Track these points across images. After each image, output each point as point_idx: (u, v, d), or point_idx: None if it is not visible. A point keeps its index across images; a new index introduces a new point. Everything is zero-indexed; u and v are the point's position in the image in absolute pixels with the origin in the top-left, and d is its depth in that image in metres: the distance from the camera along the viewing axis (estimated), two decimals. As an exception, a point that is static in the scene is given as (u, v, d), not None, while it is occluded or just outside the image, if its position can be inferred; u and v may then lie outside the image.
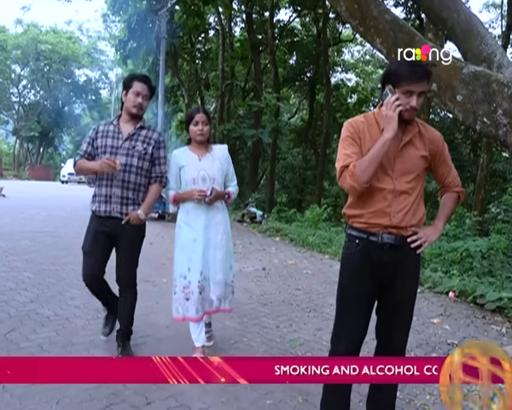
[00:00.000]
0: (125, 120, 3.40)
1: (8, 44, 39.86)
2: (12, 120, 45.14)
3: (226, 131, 18.90)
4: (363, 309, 2.34)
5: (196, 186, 3.43)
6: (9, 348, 3.54)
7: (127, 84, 3.35)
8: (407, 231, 2.27)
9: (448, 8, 5.78)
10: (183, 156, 3.53)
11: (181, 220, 3.52)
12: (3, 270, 5.82)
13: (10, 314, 4.26)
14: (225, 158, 3.60)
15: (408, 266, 2.32)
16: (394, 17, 5.79)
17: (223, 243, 3.52)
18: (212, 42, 23.76)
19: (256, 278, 6.42)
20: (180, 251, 3.47)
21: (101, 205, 3.33)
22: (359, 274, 2.32)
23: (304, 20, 24.07)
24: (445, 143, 2.41)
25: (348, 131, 2.33)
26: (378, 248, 2.26)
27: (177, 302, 3.42)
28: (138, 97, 3.31)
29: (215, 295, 3.45)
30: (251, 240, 10.02)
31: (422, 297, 5.76)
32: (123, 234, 3.35)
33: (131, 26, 17.60)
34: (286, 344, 3.95)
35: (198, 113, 3.50)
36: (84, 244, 3.44)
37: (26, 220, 10.60)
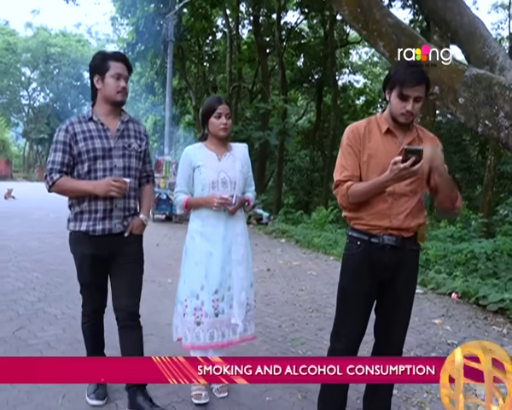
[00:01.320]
0: (105, 112, 2.68)
1: (19, 47, 40.35)
2: (22, 122, 45.64)
3: (233, 133, 18.98)
4: (363, 309, 2.40)
5: (216, 191, 2.92)
6: (18, 345, 3.65)
7: (100, 66, 2.61)
8: (408, 232, 2.32)
9: (451, 10, 5.82)
10: (198, 154, 2.97)
11: (194, 231, 2.99)
12: (13, 270, 5.95)
13: (19, 313, 4.38)
14: (246, 159, 3.10)
15: (408, 266, 2.37)
16: (397, 20, 5.85)
17: (244, 257, 3.04)
18: (220, 44, 23.88)
19: (260, 278, 6.49)
20: (193, 266, 2.94)
21: (99, 223, 2.62)
22: (360, 275, 2.37)
23: (311, 22, 24.13)
24: (440, 145, 2.40)
25: (348, 138, 2.37)
26: (379, 249, 2.31)
27: (185, 327, 2.92)
28: (120, 80, 2.62)
29: (240, 319, 2.97)
30: (256, 241, 10.09)
31: (425, 298, 5.81)
32: (125, 251, 2.71)
33: (139, 30, 17.79)
34: (287, 343, 4.01)
35: (221, 104, 2.96)
36: (82, 275, 2.73)
37: (36, 222, 10.76)
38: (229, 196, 2.89)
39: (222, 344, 2.92)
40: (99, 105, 2.69)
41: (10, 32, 42.16)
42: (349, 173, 2.33)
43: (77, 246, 2.69)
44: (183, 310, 2.94)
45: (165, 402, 2.84)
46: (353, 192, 2.29)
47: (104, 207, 2.62)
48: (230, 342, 2.98)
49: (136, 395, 2.67)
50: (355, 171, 2.33)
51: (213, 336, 2.89)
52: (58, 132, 2.64)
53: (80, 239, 2.65)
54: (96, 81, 2.63)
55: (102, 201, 2.60)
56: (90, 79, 2.69)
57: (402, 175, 2.12)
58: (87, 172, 2.60)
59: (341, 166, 2.36)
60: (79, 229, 2.63)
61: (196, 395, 2.88)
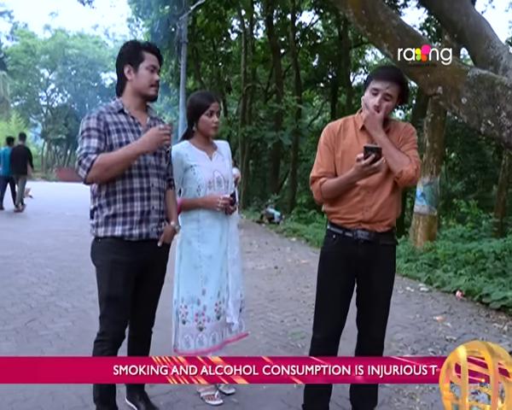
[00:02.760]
0: (135, 105, 2.49)
1: (37, 49, 41.01)
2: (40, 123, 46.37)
3: (247, 133, 19.14)
4: (339, 301, 2.51)
5: (212, 191, 2.87)
6: (29, 335, 3.82)
7: (134, 55, 2.43)
8: (381, 227, 2.42)
9: (458, 11, 5.88)
10: (190, 154, 2.88)
11: (190, 234, 2.88)
12: (27, 266, 6.15)
13: (31, 306, 4.56)
14: (230, 157, 3.09)
15: (383, 261, 2.45)
16: (401, 22, 5.92)
17: (238, 256, 3.06)
18: (234, 45, 24.03)
19: (267, 276, 6.61)
20: (192, 271, 2.86)
21: (136, 227, 2.40)
22: (335, 268, 2.49)
23: (325, 22, 24.16)
24: (413, 133, 2.48)
25: (324, 136, 2.52)
26: (353, 243, 2.42)
27: (187, 333, 2.86)
28: (154, 74, 2.46)
29: (236, 317, 2.99)
30: (267, 240, 10.21)
31: (429, 296, 5.88)
32: (155, 260, 2.54)
33: (154, 31, 18.00)
34: (288, 337, 4.13)
35: (213, 101, 2.87)
36: (113, 288, 2.38)
37: (51, 220, 11.01)
38: (230, 196, 2.88)
39: (220, 346, 2.95)
40: (127, 97, 2.49)
41: (29, 34, 42.86)
42: (323, 170, 2.46)
43: (107, 254, 2.38)
44: (183, 317, 2.87)
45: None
46: (325, 188, 2.43)
47: (142, 208, 2.42)
48: (227, 341, 3.02)
49: (133, 392, 2.72)
50: (329, 168, 2.46)
51: (215, 339, 2.90)
52: (88, 120, 2.36)
53: (113, 246, 2.38)
54: (128, 71, 2.44)
55: (140, 202, 2.41)
56: (120, 68, 2.47)
57: (365, 171, 2.24)
58: None
59: (317, 163, 2.50)
60: (113, 234, 2.37)
61: (209, 397, 2.91)
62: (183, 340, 2.88)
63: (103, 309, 2.42)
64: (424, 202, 9.53)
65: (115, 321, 2.41)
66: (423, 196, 9.55)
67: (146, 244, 2.45)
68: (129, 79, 2.45)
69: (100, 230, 2.39)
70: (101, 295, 2.44)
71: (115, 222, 2.38)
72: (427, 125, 9.77)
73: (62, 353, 3.52)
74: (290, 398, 2.95)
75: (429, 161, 9.50)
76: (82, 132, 2.35)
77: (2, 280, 5.39)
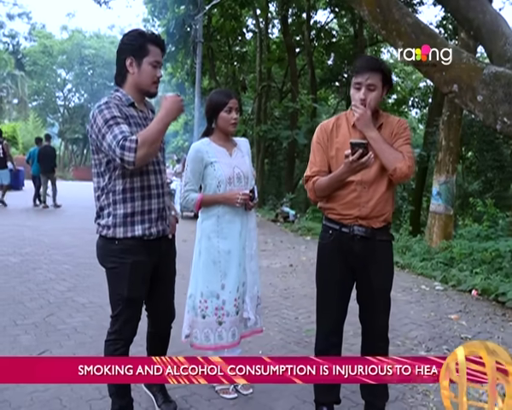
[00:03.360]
0: (136, 98, 2.39)
1: (54, 50, 41.46)
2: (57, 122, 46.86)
3: (262, 132, 19.17)
4: (337, 295, 2.55)
5: (232, 187, 2.90)
6: (48, 329, 3.91)
7: (138, 47, 2.30)
8: (377, 223, 2.44)
9: (474, 9, 5.85)
10: (210, 151, 2.91)
11: (210, 230, 2.92)
12: (45, 262, 6.26)
13: (50, 301, 4.66)
14: (249, 154, 3.11)
15: (379, 257, 2.47)
16: (416, 20, 5.90)
17: (256, 252, 3.08)
18: (250, 44, 24.06)
19: (282, 273, 6.64)
20: (211, 266, 2.90)
21: (153, 225, 2.38)
22: (332, 262, 2.52)
23: (341, 21, 24.09)
24: (406, 128, 2.48)
25: (317, 136, 2.56)
26: (349, 239, 2.45)
27: (207, 327, 2.89)
28: (157, 69, 2.36)
29: (252, 312, 3.01)
30: (282, 238, 10.24)
31: (444, 295, 5.86)
32: (169, 254, 2.57)
33: (170, 31, 18.12)
34: (302, 334, 4.16)
35: (231, 98, 2.91)
36: (133, 289, 2.34)
37: (69, 218, 11.16)
38: (250, 192, 2.90)
39: (238, 341, 2.98)
40: (129, 90, 2.37)
41: (47, 35, 43.36)
42: (317, 169, 2.50)
43: (127, 256, 2.31)
44: (203, 312, 2.89)
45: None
46: (318, 186, 2.47)
47: (158, 206, 2.40)
48: (243, 336, 3.06)
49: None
50: (323, 166, 2.50)
51: (235, 335, 2.92)
52: (109, 109, 2.23)
53: (133, 247, 2.32)
54: (130, 64, 2.32)
55: (156, 199, 2.39)
56: (121, 58, 2.34)
57: (354, 168, 2.26)
58: None
59: (310, 162, 2.54)
60: (133, 234, 2.31)
61: (224, 391, 2.96)
62: (202, 334, 2.91)
63: (119, 310, 2.36)
64: (440, 201, 9.46)
65: (131, 320, 2.40)
66: (439, 194, 9.48)
67: (161, 241, 2.44)
68: (130, 72, 2.33)
69: (118, 230, 2.30)
70: (116, 297, 2.37)
71: (134, 221, 2.31)
72: (443, 123, 9.69)
73: (81, 346, 3.60)
74: (304, 393, 2.97)
75: (445, 160, 9.42)
76: (107, 121, 2.19)
77: (21, 276, 5.51)
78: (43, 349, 3.50)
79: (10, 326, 3.93)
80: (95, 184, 2.39)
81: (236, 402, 2.89)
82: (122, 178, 2.30)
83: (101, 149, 2.24)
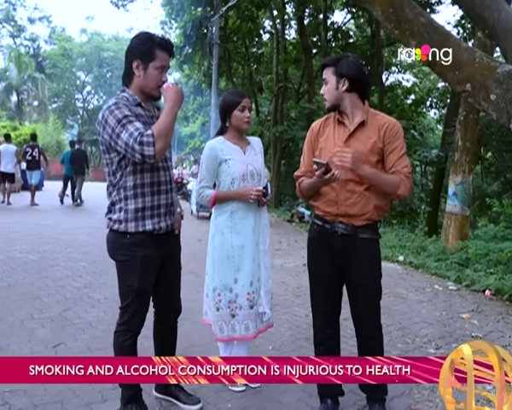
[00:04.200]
0: (143, 99, 2.45)
1: (74, 53, 42.07)
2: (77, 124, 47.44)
3: (278, 133, 19.21)
4: (325, 289, 2.64)
5: (246, 183, 2.98)
6: (63, 323, 4.03)
7: (145, 52, 2.34)
8: (359, 221, 2.48)
9: (489, 7, 5.84)
10: (224, 149, 2.99)
11: (223, 226, 3.00)
12: (62, 260, 6.40)
13: (66, 297, 4.77)
14: (262, 153, 3.19)
15: (362, 255, 2.51)
16: (429, 19, 5.91)
17: (269, 247, 3.15)
18: (266, 45, 24.13)
19: (295, 272, 6.68)
20: (225, 260, 2.98)
21: (162, 219, 2.47)
22: (318, 257, 2.62)
23: (358, 22, 24.03)
24: (399, 135, 2.48)
25: (307, 136, 2.67)
26: (331, 235, 2.53)
27: (221, 320, 2.98)
28: (163, 74, 2.40)
29: (268, 306, 3.09)
30: (296, 238, 10.27)
31: (457, 294, 5.84)
32: (175, 249, 2.66)
33: (187, 33, 18.28)
34: (311, 331, 4.17)
35: (244, 97, 3.01)
36: (144, 281, 2.44)
37: (86, 218, 11.34)
38: (263, 189, 2.99)
39: (254, 335, 3.03)
40: (135, 91, 2.43)
41: (66, 38, 43.99)
42: (304, 169, 2.64)
43: (138, 249, 2.39)
44: (217, 305, 2.98)
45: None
46: (303, 187, 2.62)
47: (166, 201, 2.49)
48: (259, 331, 3.10)
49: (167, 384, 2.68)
50: (309, 166, 2.59)
51: (249, 328, 2.97)
52: (119, 110, 2.29)
53: (143, 241, 2.40)
54: (136, 67, 2.37)
55: (165, 194, 2.48)
56: (128, 61, 2.40)
57: (320, 181, 2.40)
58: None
59: (301, 161, 2.67)
60: (144, 229, 2.39)
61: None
62: (217, 326, 3.01)
63: (129, 301, 2.46)
64: (456, 202, 9.40)
65: (140, 311, 2.49)
66: (455, 195, 9.42)
67: (169, 236, 2.54)
68: (136, 74, 2.38)
69: (130, 225, 2.39)
70: (126, 289, 2.46)
71: (144, 216, 2.40)
72: (459, 123, 9.63)
73: (94, 340, 3.69)
74: (311, 387, 2.98)
75: (461, 160, 9.35)
76: (119, 121, 2.25)
77: (39, 273, 5.64)
78: (59, 342, 3.60)
79: (27, 320, 4.04)
80: (108, 182, 2.49)
81: (244, 395, 2.94)
82: (133, 174, 2.38)
83: (116, 148, 2.30)
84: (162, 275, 2.57)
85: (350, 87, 2.47)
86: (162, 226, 2.46)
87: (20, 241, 7.57)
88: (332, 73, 2.50)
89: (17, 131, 26.43)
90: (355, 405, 2.87)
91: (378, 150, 2.47)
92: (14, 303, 4.45)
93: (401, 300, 5.38)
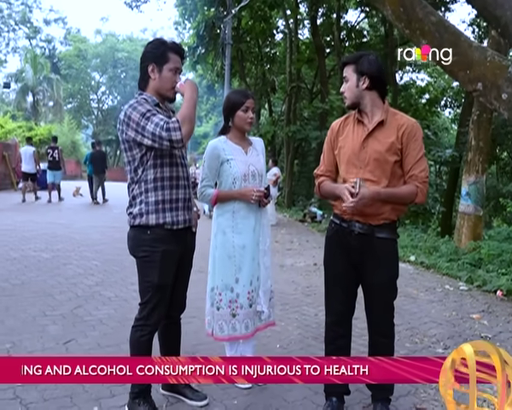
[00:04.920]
0: (161, 102, 2.57)
1: (89, 54, 42.50)
2: (91, 124, 47.88)
3: (291, 132, 19.20)
4: (340, 287, 2.63)
5: (247, 184, 2.99)
6: (75, 320, 4.09)
7: (159, 55, 2.47)
8: (376, 220, 2.48)
9: (502, 6, 5.81)
10: (226, 148, 3.00)
11: (225, 225, 3.00)
12: (75, 258, 6.48)
13: (78, 294, 4.84)
14: (263, 153, 3.19)
15: (379, 254, 2.50)
16: (440, 19, 5.88)
17: (269, 247, 3.16)
18: (280, 45, 24.13)
19: (306, 272, 6.69)
20: (226, 260, 2.99)
21: (180, 213, 2.54)
22: (334, 255, 2.63)
23: (372, 21, 23.93)
24: (417, 136, 2.47)
25: (328, 135, 2.68)
26: (347, 234, 2.54)
27: (221, 319, 2.99)
28: (176, 76, 2.53)
29: (266, 305, 3.10)
30: (308, 238, 10.28)
31: (468, 295, 5.81)
32: (190, 246, 2.71)
33: (200, 33, 18.36)
34: (321, 329, 4.16)
35: (248, 98, 3.00)
36: (164, 276, 2.50)
37: (99, 217, 11.46)
38: (265, 189, 2.99)
39: (252, 333, 3.05)
40: (151, 93, 2.53)
41: (81, 39, 44.46)
42: (323, 168, 2.66)
43: (158, 245, 2.46)
44: (217, 304, 3.00)
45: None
46: (323, 189, 2.64)
47: (184, 196, 2.56)
48: (257, 329, 3.12)
49: None
50: (329, 166, 2.63)
51: (248, 326, 3.00)
52: (143, 105, 2.40)
53: (164, 236, 2.47)
54: (151, 70, 2.49)
55: (183, 189, 2.56)
56: (144, 65, 2.52)
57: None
58: (169, 156, 2.49)
59: (321, 160, 2.69)
60: (164, 221, 2.47)
61: None
62: (217, 326, 3.02)
63: (149, 297, 2.50)
64: (469, 202, 9.33)
65: (160, 306, 2.54)
66: (468, 195, 9.35)
67: (187, 232, 2.61)
68: (152, 77, 2.51)
69: (151, 217, 2.46)
70: (146, 285, 2.51)
71: (165, 209, 2.48)
72: (472, 122, 9.56)
73: (104, 337, 3.75)
74: (317, 384, 3.01)
75: (475, 160, 9.28)
76: (144, 115, 2.35)
77: (52, 271, 5.73)
78: (70, 339, 3.66)
79: (40, 317, 4.11)
80: (129, 180, 2.57)
81: (251, 392, 2.97)
82: (153, 168, 2.48)
83: (143, 141, 2.38)
84: (178, 272, 2.64)
85: (370, 85, 2.47)
86: (180, 220, 2.53)
87: (34, 239, 7.69)
88: (353, 71, 2.49)
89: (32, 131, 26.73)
90: (360, 403, 2.88)
91: (396, 151, 2.46)
92: (26, 300, 4.53)
93: (411, 300, 5.36)
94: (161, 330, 2.80)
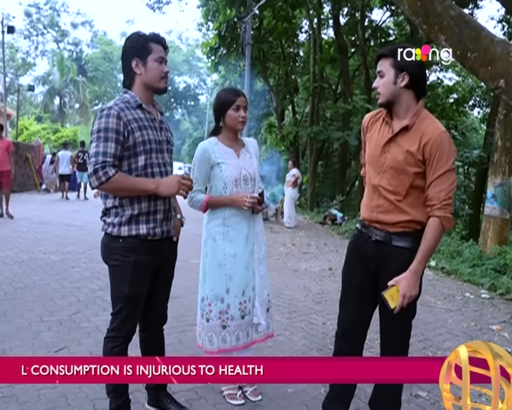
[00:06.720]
0: (146, 99, 2.40)
1: (114, 56, 42.99)
2: (117, 126, 48.40)
3: (313, 133, 18.95)
4: (353, 298, 2.40)
5: (238, 189, 2.83)
6: (71, 327, 3.96)
7: (141, 48, 2.34)
8: (394, 228, 2.24)
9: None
10: (217, 151, 2.83)
11: (215, 232, 2.84)
12: (84, 261, 6.39)
13: (79, 299, 4.72)
14: (257, 155, 3.01)
15: (393, 264, 2.22)
16: (460, 12, 5.62)
17: (265, 255, 2.99)
18: (303, 45, 23.90)
19: (319, 277, 6.47)
20: (216, 269, 2.82)
21: (158, 225, 2.37)
22: (351, 263, 2.44)
23: (397, 19, 23.50)
24: (444, 152, 2.14)
25: (361, 129, 2.54)
26: (365, 240, 2.33)
27: (211, 331, 2.83)
28: (163, 65, 2.38)
29: (263, 317, 2.92)
30: (326, 241, 10.03)
31: (490, 303, 5.51)
32: (169, 257, 2.54)
33: (221, 34, 18.27)
34: (327, 340, 3.98)
35: (239, 96, 2.83)
36: (134, 287, 2.33)
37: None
38: (259, 195, 2.83)
39: (246, 345, 2.88)
40: (138, 92, 2.38)
41: (107, 41, 44.99)
42: (363, 160, 2.51)
43: (129, 255, 2.31)
44: (207, 315, 2.84)
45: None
46: None
47: (164, 207, 2.40)
48: (254, 341, 2.94)
49: (159, 396, 2.65)
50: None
51: (239, 338, 2.84)
52: (107, 119, 2.23)
53: (136, 245, 2.31)
54: (135, 65, 2.34)
55: (162, 200, 2.38)
56: (127, 62, 2.38)
57: None
58: (143, 167, 2.31)
59: (361, 160, 2.60)
60: (137, 233, 2.31)
61: (231, 396, 2.86)
62: (206, 338, 2.85)
63: (119, 307, 2.36)
64: (495, 204, 8.97)
65: (131, 318, 2.39)
66: (494, 197, 8.99)
67: (165, 242, 2.43)
68: (138, 72, 2.36)
69: (123, 228, 2.30)
70: (117, 295, 2.38)
71: (139, 221, 2.32)
72: (498, 122, 9.19)
73: (98, 345, 3.54)
74: (315, 403, 2.83)
75: (501, 161, 8.92)
76: (99, 131, 2.22)
77: (58, 274, 5.63)
78: (62, 346, 3.53)
79: (36, 322, 3.99)
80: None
81: (243, 408, 2.79)
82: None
83: None
84: (156, 283, 2.48)
85: (409, 83, 2.19)
86: (157, 232, 2.37)
87: (46, 241, 7.64)
88: (390, 66, 2.20)
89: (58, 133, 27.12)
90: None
91: (416, 162, 2.17)
92: (26, 305, 4.42)
93: (428, 308, 5.09)
94: (143, 343, 2.64)
